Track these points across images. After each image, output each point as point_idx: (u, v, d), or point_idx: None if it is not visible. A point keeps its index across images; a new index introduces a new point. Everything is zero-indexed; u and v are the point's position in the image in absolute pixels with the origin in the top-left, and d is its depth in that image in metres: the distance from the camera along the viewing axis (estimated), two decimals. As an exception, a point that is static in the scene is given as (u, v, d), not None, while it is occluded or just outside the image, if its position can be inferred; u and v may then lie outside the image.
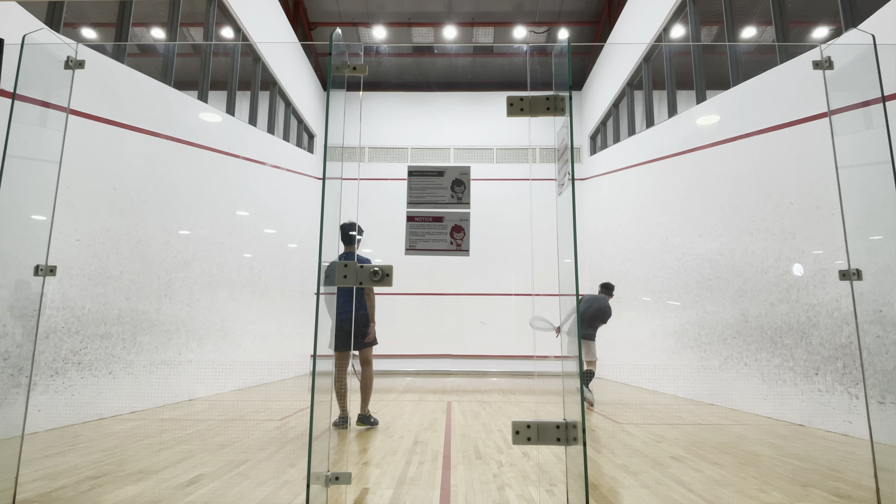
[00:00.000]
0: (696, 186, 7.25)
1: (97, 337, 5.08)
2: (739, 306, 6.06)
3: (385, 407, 6.05)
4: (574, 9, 11.68)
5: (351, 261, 2.20)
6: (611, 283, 6.72)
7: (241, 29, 8.31)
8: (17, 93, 2.70)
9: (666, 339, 7.76)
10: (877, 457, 2.61)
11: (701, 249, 6.94)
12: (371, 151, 12.28)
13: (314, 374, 2.18)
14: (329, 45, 2.32)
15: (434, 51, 12.77)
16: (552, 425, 2.09)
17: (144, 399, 5.63)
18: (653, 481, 3.01)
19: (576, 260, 2.15)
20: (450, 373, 10.91)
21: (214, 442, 3.96)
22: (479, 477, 3.07)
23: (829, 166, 2.97)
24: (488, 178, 11.77)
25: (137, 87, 5.98)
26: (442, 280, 11.26)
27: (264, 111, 9.56)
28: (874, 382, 4.07)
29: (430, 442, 4.06)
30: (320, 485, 2.19)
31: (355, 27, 12.17)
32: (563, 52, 2.27)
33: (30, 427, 3.94)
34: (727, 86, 6.69)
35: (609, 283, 6.72)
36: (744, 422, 5.18)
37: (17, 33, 2.79)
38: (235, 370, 7.24)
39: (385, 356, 11.12)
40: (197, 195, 6.94)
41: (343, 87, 2.50)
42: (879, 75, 2.73)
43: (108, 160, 5.44)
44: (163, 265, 6.12)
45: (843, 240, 2.83)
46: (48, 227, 2.90)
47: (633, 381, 8.80)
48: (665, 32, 8.36)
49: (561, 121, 2.32)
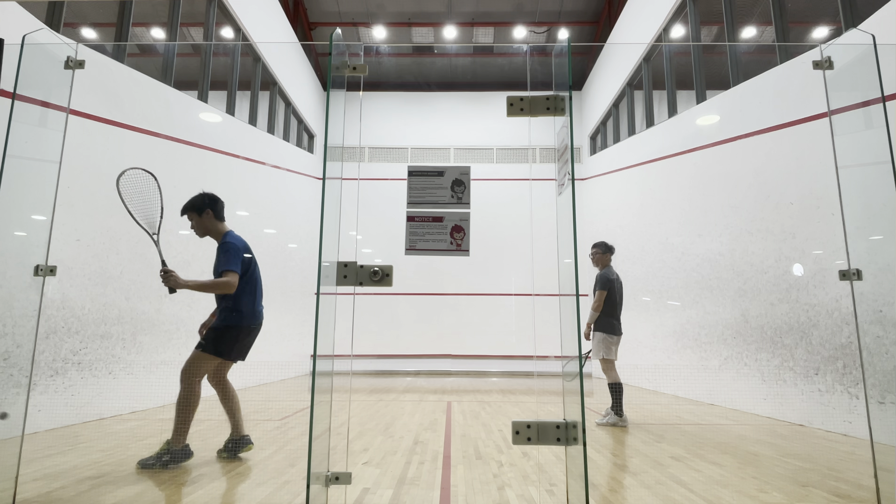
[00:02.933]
0: (697, 186, 7.25)
1: (97, 337, 5.08)
2: (739, 306, 6.06)
3: (385, 407, 6.05)
4: (574, 9, 11.68)
5: (351, 261, 2.20)
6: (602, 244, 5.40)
7: (241, 29, 8.31)
8: (17, 93, 2.70)
9: (666, 339, 7.75)
10: (877, 457, 2.60)
11: (701, 249, 6.94)
12: (371, 151, 12.28)
13: (314, 374, 2.18)
14: (329, 45, 2.32)
15: (434, 51, 12.77)
16: (552, 425, 2.09)
17: (144, 399, 5.63)
18: (653, 481, 3.00)
19: (576, 260, 2.15)
20: (450, 373, 10.91)
21: (214, 442, 3.96)
22: (479, 477, 3.07)
23: (829, 166, 2.97)
24: (488, 178, 11.77)
25: (137, 87, 5.98)
26: (442, 280, 11.26)
27: (264, 111, 9.55)
28: (874, 382, 4.07)
29: (430, 442, 4.06)
30: (320, 485, 2.19)
31: (355, 27, 12.17)
32: (563, 52, 2.27)
33: (30, 427, 3.94)
34: (727, 86, 6.68)
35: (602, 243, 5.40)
36: (744, 422, 5.18)
37: (17, 33, 2.79)
38: (235, 370, 7.22)
39: (385, 356, 11.14)
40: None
41: (343, 87, 2.50)
42: (879, 75, 2.73)
43: (108, 160, 5.44)
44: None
45: (843, 240, 2.83)
46: (48, 227, 2.90)
47: (633, 381, 8.80)
48: (665, 32, 8.36)
49: (561, 121, 2.32)
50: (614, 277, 5.23)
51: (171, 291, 3.48)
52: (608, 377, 5.01)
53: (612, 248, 5.39)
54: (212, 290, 3.63)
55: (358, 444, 4.00)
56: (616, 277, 5.26)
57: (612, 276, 5.21)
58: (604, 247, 5.34)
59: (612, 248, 5.39)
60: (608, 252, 5.34)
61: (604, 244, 5.35)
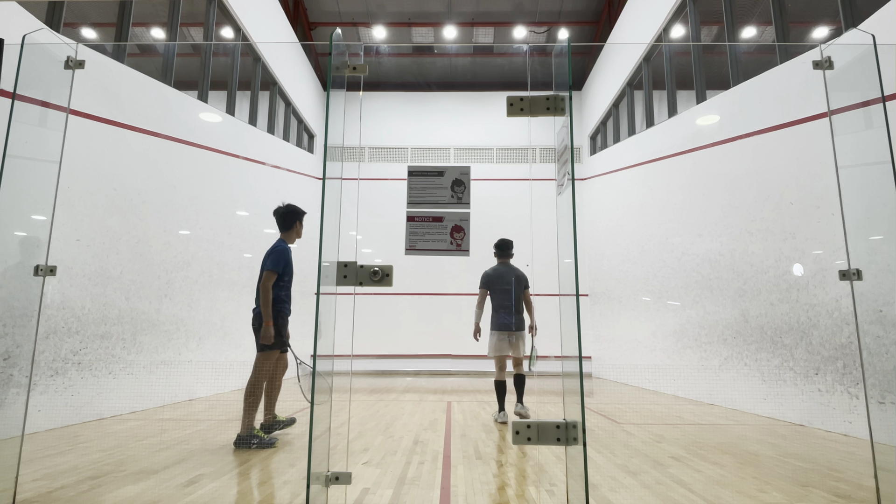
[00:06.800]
0: (696, 186, 7.25)
1: (97, 337, 5.08)
2: (739, 306, 6.06)
3: (385, 407, 6.05)
4: (574, 9, 11.68)
5: (351, 261, 2.20)
6: (502, 242, 5.44)
7: (241, 29, 8.31)
8: (17, 93, 2.70)
9: (666, 339, 7.75)
10: (877, 457, 2.60)
11: (701, 249, 6.94)
12: (371, 151, 12.28)
13: (314, 374, 2.18)
14: (329, 45, 2.32)
15: (434, 51, 12.77)
16: (552, 425, 2.09)
17: (144, 399, 5.63)
18: (653, 481, 3.01)
19: (576, 260, 2.15)
20: (450, 373, 10.91)
21: (214, 442, 3.96)
22: (479, 477, 3.07)
23: (829, 166, 2.98)
24: (488, 178, 11.77)
25: (137, 87, 5.98)
26: (442, 280, 11.26)
27: (264, 111, 9.55)
28: (874, 382, 4.07)
29: (430, 442, 4.06)
30: (320, 485, 2.19)
31: (355, 27, 12.17)
32: (563, 52, 2.27)
33: (30, 427, 3.94)
34: (727, 86, 6.68)
35: (501, 241, 5.45)
36: (744, 422, 5.18)
37: (17, 33, 2.79)
38: (235, 370, 7.23)
39: (385, 356, 11.14)
40: (197, 195, 6.94)
41: (343, 87, 2.50)
42: (879, 75, 2.73)
43: (108, 160, 5.44)
44: (163, 265, 6.12)
45: (843, 240, 2.83)
46: (48, 227, 2.90)
47: (633, 381, 8.80)
48: (665, 32, 8.36)
49: (561, 121, 2.32)
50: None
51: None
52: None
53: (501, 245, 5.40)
54: (266, 302, 4.02)
55: (358, 444, 4.00)
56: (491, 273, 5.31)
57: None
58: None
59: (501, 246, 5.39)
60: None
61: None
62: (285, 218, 4.33)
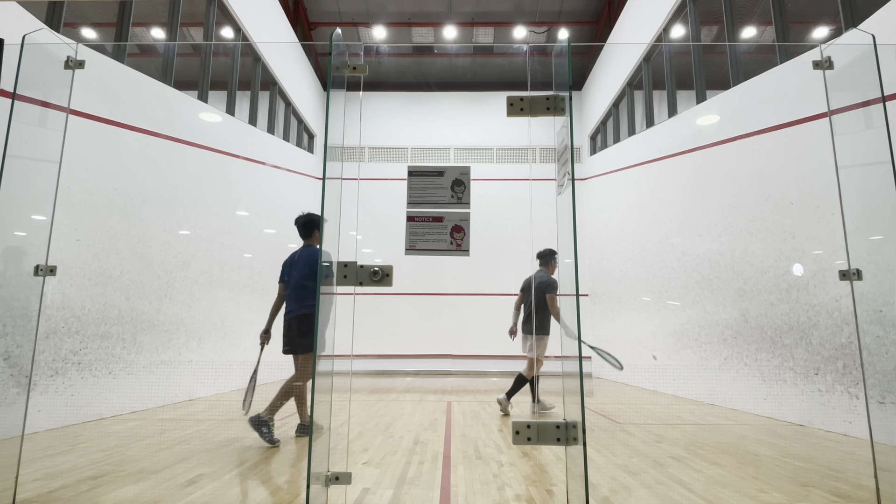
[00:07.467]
0: (696, 186, 7.25)
1: (97, 337, 5.08)
2: (739, 306, 6.06)
3: (385, 407, 6.05)
4: (574, 9, 11.68)
5: (351, 261, 2.20)
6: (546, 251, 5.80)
7: (241, 29, 8.31)
8: (17, 93, 2.70)
9: (666, 339, 7.75)
10: (877, 457, 2.61)
11: (701, 249, 6.94)
12: (371, 151, 12.28)
13: (314, 374, 2.18)
14: (329, 45, 2.32)
15: (434, 51, 12.77)
16: (552, 425, 2.09)
17: (144, 399, 5.63)
18: (653, 481, 3.01)
19: (576, 260, 2.15)
20: (450, 373, 10.91)
21: (214, 442, 3.96)
22: (479, 477, 3.07)
23: (829, 166, 2.98)
24: (488, 178, 11.77)
25: (137, 87, 5.98)
26: (442, 280, 11.26)
27: (264, 111, 9.56)
28: (874, 382, 4.07)
29: (430, 442, 4.06)
30: (320, 485, 2.19)
31: (355, 27, 12.17)
32: (563, 52, 2.27)
33: (30, 427, 3.94)
34: (727, 86, 6.68)
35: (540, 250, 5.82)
36: (744, 422, 5.18)
37: (17, 33, 2.79)
38: (235, 370, 7.23)
39: (385, 356, 11.14)
40: (197, 195, 6.94)
41: (343, 87, 2.50)
42: (879, 75, 2.73)
43: (108, 160, 5.44)
44: (163, 265, 6.12)
45: (843, 240, 2.83)
46: (48, 227, 2.90)
47: (633, 381, 8.80)
48: (665, 32, 8.36)
49: (561, 121, 2.32)
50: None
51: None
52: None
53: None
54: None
55: (358, 444, 4.00)
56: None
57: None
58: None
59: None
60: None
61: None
62: (305, 227, 4.49)
